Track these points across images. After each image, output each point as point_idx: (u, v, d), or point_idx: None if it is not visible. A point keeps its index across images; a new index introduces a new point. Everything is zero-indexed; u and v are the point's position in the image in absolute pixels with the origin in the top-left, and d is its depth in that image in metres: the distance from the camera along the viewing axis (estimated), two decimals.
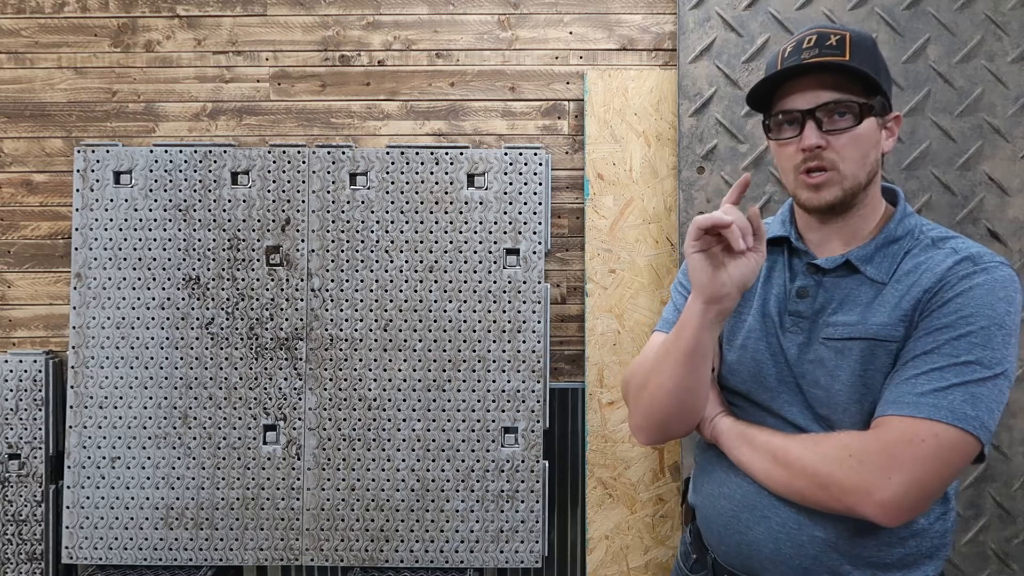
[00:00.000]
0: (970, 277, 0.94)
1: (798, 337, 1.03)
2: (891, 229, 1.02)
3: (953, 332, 0.91)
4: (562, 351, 2.08)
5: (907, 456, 0.89)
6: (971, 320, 0.91)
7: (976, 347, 0.90)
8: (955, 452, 0.89)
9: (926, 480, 0.89)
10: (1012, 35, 1.84)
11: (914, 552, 0.99)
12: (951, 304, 0.93)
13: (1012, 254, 1.83)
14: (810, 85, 0.98)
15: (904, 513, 0.90)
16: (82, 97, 2.09)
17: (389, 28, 2.08)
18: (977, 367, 0.90)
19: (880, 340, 0.96)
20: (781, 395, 1.03)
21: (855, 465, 0.91)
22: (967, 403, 0.89)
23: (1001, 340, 0.91)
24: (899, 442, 0.89)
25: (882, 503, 0.89)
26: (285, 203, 1.99)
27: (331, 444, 1.96)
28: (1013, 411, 1.81)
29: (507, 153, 1.99)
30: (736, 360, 1.09)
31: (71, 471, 1.96)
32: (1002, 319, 0.91)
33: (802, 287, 1.04)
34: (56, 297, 2.10)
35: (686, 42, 1.90)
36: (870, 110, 0.98)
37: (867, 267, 1.00)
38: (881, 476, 0.89)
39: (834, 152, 0.97)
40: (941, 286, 0.95)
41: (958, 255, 0.97)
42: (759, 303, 1.08)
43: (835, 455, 0.93)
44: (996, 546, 1.81)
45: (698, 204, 1.89)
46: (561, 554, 2.07)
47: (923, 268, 0.97)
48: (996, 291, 0.93)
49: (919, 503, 0.90)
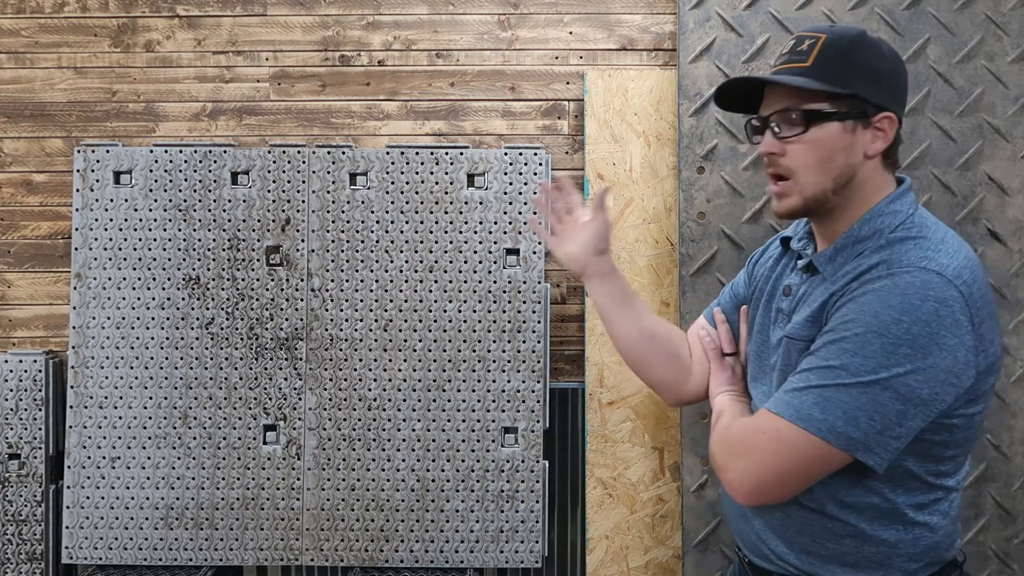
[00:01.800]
0: (871, 282, 0.91)
1: (779, 332, 1.06)
2: (855, 230, 0.99)
3: (832, 336, 0.91)
4: (562, 351, 2.08)
5: (750, 445, 0.95)
6: (850, 326, 0.90)
7: (845, 353, 0.89)
8: (794, 449, 0.91)
9: (763, 471, 0.93)
10: (1012, 35, 1.84)
11: (853, 552, 0.97)
12: (844, 308, 0.92)
13: (1012, 254, 1.83)
14: (774, 90, 1.00)
15: (747, 496, 0.96)
16: (82, 97, 2.09)
17: (389, 28, 2.08)
18: (841, 372, 0.88)
19: (792, 339, 1.00)
20: (762, 385, 1.09)
21: (722, 445, 1.01)
22: (817, 406, 0.89)
23: (879, 348, 0.87)
24: (749, 432, 0.97)
25: (729, 482, 0.97)
26: (285, 203, 1.99)
27: (331, 444, 1.96)
28: (1013, 411, 1.81)
29: (507, 153, 1.99)
30: (749, 349, 1.16)
31: (71, 471, 1.96)
32: (885, 327, 0.87)
33: (788, 285, 1.08)
34: (56, 297, 2.10)
35: (686, 42, 1.90)
36: (825, 116, 0.95)
37: (826, 267, 1.01)
38: (731, 459, 0.98)
39: (791, 160, 0.98)
40: (845, 290, 0.94)
41: (879, 258, 0.93)
42: (766, 299, 1.12)
43: (721, 435, 1.03)
44: (996, 546, 1.81)
45: (698, 204, 1.89)
46: (561, 554, 2.07)
47: (849, 270, 0.96)
48: (889, 298, 0.88)
49: (759, 489, 0.94)
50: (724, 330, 1.21)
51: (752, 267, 1.22)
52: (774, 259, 1.16)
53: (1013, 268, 1.83)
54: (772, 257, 1.17)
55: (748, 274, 1.22)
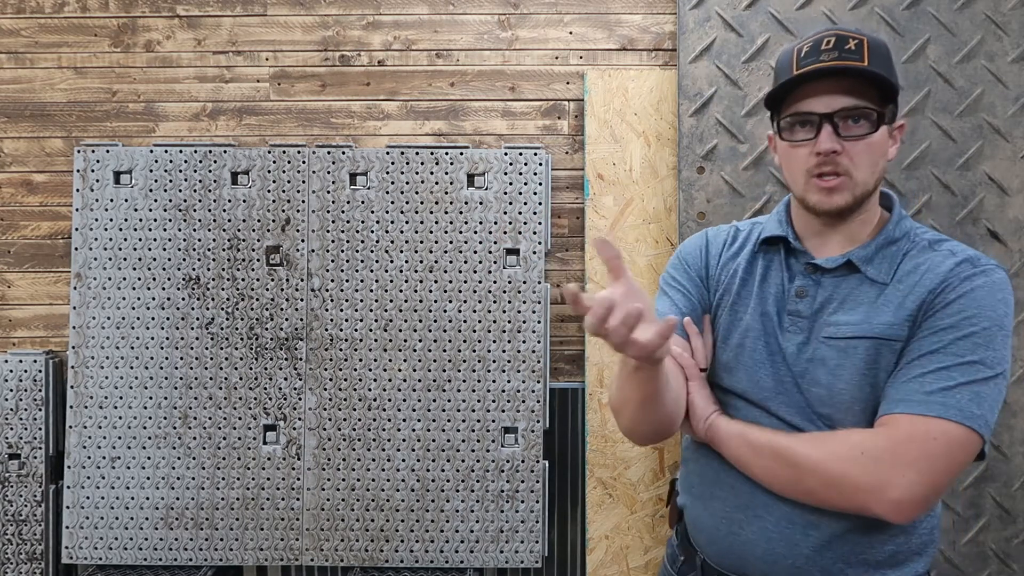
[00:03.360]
0: (971, 279, 0.96)
1: (797, 337, 1.03)
2: (889, 231, 1.03)
3: (958, 332, 0.93)
4: (562, 351, 2.08)
5: (919, 454, 0.90)
6: (974, 321, 0.93)
7: (980, 347, 0.92)
8: (963, 449, 0.91)
9: (937, 477, 0.90)
10: (1012, 35, 1.84)
11: (904, 549, 1.00)
12: (955, 305, 0.95)
13: (1012, 254, 1.83)
14: (828, 89, 0.97)
15: (916, 510, 0.91)
16: (82, 97, 2.09)
17: (389, 28, 2.08)
18: (981, 367, 0.92)
19: (886, 339, 0.97)
20: (779, 395, 1.03)
21: (868, 463, 0.91)
22: (973, 402, 0.91)
23: (1001, 340, 0.93)
24: (911, 440, 0.90)
25: (895, 500, 0.90)
26: (285, 203, 1.99)
27: (331, 444, 1.96)
28: (1013, 411, 1.81)
29: (507, 153, 1.99)
30: (732, 359, 1.08)
31: (71, 471, 1.96)
32: (1001, 320, 0.94)
33: (801, 287, 1.04)
34: (56, 297, 2.10)
35: (686, 42, 1.90)
36: (884, 118, 0.98)
37: (868, 267, 1.01)
38: (894, 474, 0.90)
39: (848, 158, 0.97)
40: (944, 287, 0.96)
41: (957, 257, 0.99)
42: (756, 303, 1.07)
43: (846, 453, 0.93)
44: (996, 546, 1.81)
45: (698, 204, 1.89)
46: (561, 554, 2.07)
47: (923, 269, 0.99)
48: (995, 293, 0.95)
49: (929, 500, 0.92)
50: (699, 344, 1.11)
51: (704, 268, 1.15)
52: (746, 260, 1.10)
53: (1013, 268, 1.83)
54: (740, 258, 1.11)
55: (701, 276, 1.15)
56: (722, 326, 1.11)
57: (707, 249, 1.16)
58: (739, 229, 1.16)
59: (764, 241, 1.10)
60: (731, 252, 1.14)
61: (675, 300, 1.14)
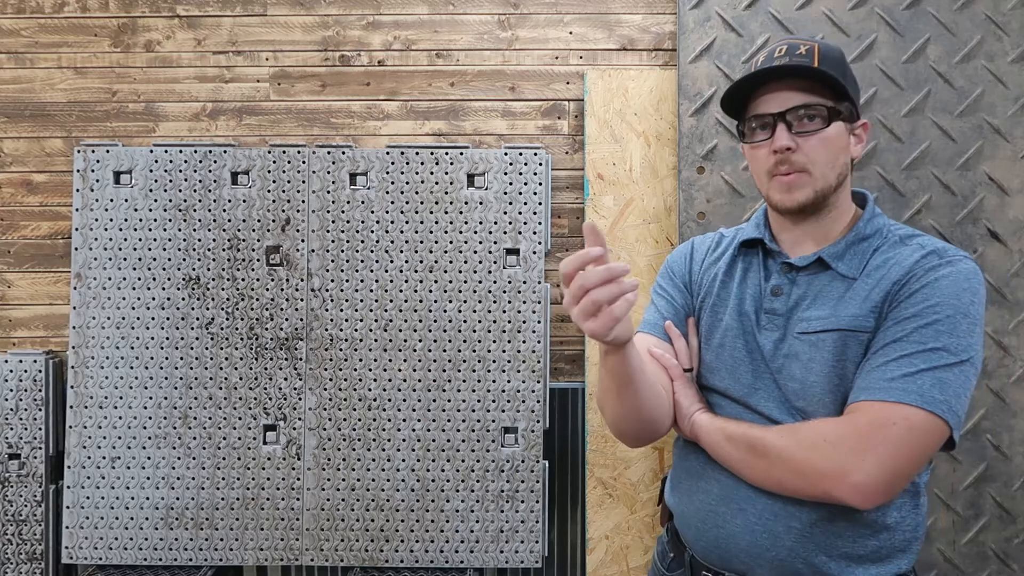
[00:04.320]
0: (936, 269, 0.97)
1: (773, 334, 1.06)
2: (860, 228, 1.06)
3: (920, 320, 0.95)
4: (562, 351, 2.08)
5: (879, 438, 0.91)
6: (937, 309, 0.94)
7: (943, 334, 0.93)
8: (925, 434, 0.91)
9: (898, 461, 0.91)
10: (1012, 35, 1.84)
11: (887, 545, 1.01)
12: (918, 294, 0.96)
13: (1012, 254, 1.83)
14: (781, 89, 1.03)
15: (879, 495, 0.92)
16: (82, 97, 2.09)
17: (389, 28, 2.08)
18: (944, 353, 0.93)
19: (852, 331, 0.99)
20: (758, 391, 1.06)
21: (829, 449, 0.93)
22: (935, 387, 0.91)
23: (966, 328, 0.94)
24: (871, 425, 0.92)
25: (857, 485, 0.91)
26: (285, 203, 1.99)
27: (331, 444, 1.96)
28: (1013, 411, 1.81)
29: (507, 153, 1.99)
30: (714, 359, 1.12)
31: (71, 471, 1.96)
32: (966, 308, 0.95)
33: (776, 285, 1.07)
34: (56, 297, 2.10)
35: (686, 42, 1.90)
36: (838, 114, 1.02)
37: (838, 263, 1.04)
38: (855, 458, 0.91)
39: (804, 154, 1.01)
40: (909, 278, 0.98)
41: (924, 249, 1.01)
42: (735, 302, 1.11)
43: (811, 441, 0.96)
44: (996, 546, 1.81)
45: (698, 204, 1.89)
46: (561, 554, 2.07)
47: (892, 262, 1.01)
48: (960, 282, 0.96)
49: (892, 485, 0.92)
50: (681, 345, 1.15)
51: (688, 274, 1.19)
52: (727, 263, 1.15)
53: (1013, 268, 1.83)
54: (722, 262, 1.16)
55: (685, 282, 1.19)
56: (704, 327, 1.15)
57: (691, 256, 1.21)
58: (723, 235, 1.21)
59: (743, 244, 1.14)
60: (713, 257, 1.19)
61: (659, 307, 1.20)
